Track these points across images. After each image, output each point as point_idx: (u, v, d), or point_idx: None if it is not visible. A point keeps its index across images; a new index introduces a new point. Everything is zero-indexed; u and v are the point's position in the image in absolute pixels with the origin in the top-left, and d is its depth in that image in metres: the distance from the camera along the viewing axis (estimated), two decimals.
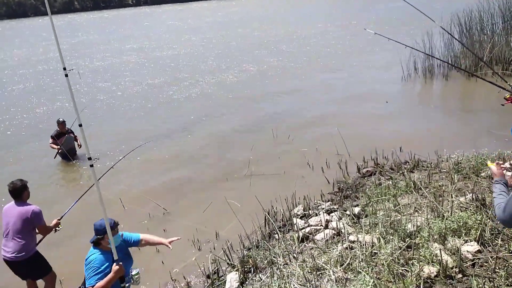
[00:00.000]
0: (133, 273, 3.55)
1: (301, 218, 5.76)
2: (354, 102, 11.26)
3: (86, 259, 3.43)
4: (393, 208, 5.08)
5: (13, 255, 4.25)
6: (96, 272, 3.33)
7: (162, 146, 9.52)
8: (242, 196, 6.72)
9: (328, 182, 6.89)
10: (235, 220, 5.90)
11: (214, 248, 5.61)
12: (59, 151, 8.69)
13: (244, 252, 5.06)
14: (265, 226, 5.76)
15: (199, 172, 8.05)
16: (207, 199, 6.81)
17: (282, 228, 5.63)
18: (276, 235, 5.43)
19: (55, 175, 8.61)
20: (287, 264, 4.61)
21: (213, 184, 7.52)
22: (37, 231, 4.45)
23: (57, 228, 4.63)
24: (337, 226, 5.05)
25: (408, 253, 4.12)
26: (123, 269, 3.42)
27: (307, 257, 4.56)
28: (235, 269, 4.89)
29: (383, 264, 4.02)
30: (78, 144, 9.00)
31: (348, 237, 4.69)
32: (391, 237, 4.39)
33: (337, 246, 4.63)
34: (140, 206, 6.85)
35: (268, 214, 5.92)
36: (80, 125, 3.48)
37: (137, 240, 3.93)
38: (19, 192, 4.36)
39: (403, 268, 3.92)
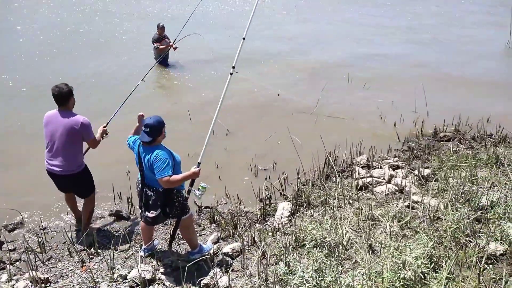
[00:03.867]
0: (202, 184, 3.63)
1: (362, 167, 5.58)
2: (446, 62, 10.21)
3: (150, 156, 3.49)
4: (468, 178, 4.70)
5: (62, 169, 3.89)
6: (166, 163, 3.42)
7: (252, 65, 9.49)
8: (305, 133, 6.59)
9: (399, 139, 6.51)
10: (295, 154, 5.84)
11: (269, 177, 5.68)
12: (161, 53, 8.83)
13: (300, 186, 5.06)
14: (324, 167, 5.66)
15: (269, 100, 7.94)
16: (270, 128, 6.78)
17: (341, 173, 5.51)
18: (334, 178, 5.34)
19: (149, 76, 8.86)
20: (341, 207, 4.55)
21: (280, 115, 7.43)
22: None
23: (104, 136, 4.23)
24: (401, 183, 4.82)
25: (476, 226, 3.85)
26: (199, 174, 3.54)
27: (363, 206, 4.46)
28: (288, 200, 4.96)
29: (445, 230, 3.82)
30: (174, 48, 8.95)
31: (411, 196, 4.47)
32: (461, 206, 4.11)
33: (397, 202, 4.46)
34: (206, 122, 6.99)
35: (329, 156, 5.79)
36: (244, 38, 3.71)
37: None
38: (65, 97, 3.82)
39: (467, 239, 3.69)
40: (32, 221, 4.57)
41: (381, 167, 5.34)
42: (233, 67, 3.68)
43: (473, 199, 4.19)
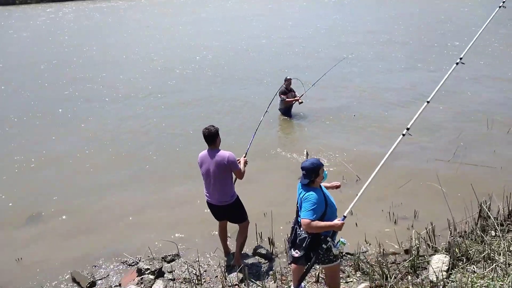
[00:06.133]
0: (342, 240, 3.53)
1: None
2: None
3: (303, 195, 3.55)
4: None
5: (219, 201, 4.37)
6: (313, 207, 3.43)
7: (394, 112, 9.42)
8: (446, 181, 6.09)
9: None
10: (436, 203, 5.42)
11: (412, 226, 5.31)
12: (287, 104, 9.31)
13: (457, 239, 4.60)
14: (478, 218, 5.10)
15: (401, 144, 7.61)
16: (406, 175, 6.44)
17: (499, 226, 4.87)
18: (493, 231, 4.75)
19: (274, 126, 9.27)
20: (510, 265, 3.97)
21: (415, 162, 7.05)
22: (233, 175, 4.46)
23: (245, 165, 4.60)
24: None
25: None
26: (341, 228, 3.46)
27: None
28: (440, 252, 4.52)
29: None
30: (299, 102, 9.33)
31: None
32: None
33: None
34: (336, 167, 6.98)
35: (483, 205, 5.20)
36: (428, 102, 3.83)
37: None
38: (213, 137, 4.28)
39: None
40: (187, 254, 4.96)
41: None
42: (408, 129, 3.66)
43: None
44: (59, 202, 6.32)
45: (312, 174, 3.57)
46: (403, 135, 3.84)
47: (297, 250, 3.66)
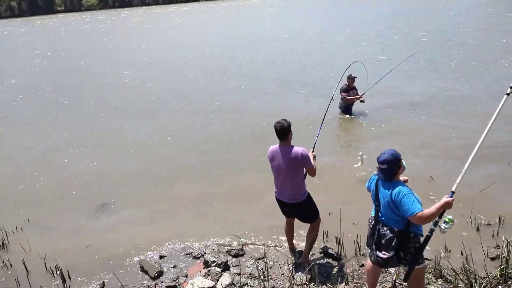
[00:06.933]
0: (449, 217, 3.25)
1: None
2: None
3: (392, 192, 3.28)
4: None
5: (290, 198, 4.16)
6: (413, 198, 3.20)
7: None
8: None
9: None
10: None
11: (497, 234, 4.79)
12: (347, 102, 9.02)
13: None
14: None
15: (485, 149, 6.94)
16: (488, 178, 5.87)
17: None
18: None
19: (334, 124, 9.04)
20: None
21: (497, 164, 6.44)
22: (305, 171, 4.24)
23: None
24: None
25: None
26: (452, 205, 3.19)
27: None
28: None
29: None
30: (360, 100, 8.99)
31: None
32: None
33: None
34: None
35: None
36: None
37: None
38: (285, 132, 4.01)
39: None
40: (252, 249, 4.83)
41: None
42: (511, 87, 3.33)
43: None
44: (128, 192, 6.53)
45: (395, 166, 3.32)
46: (508, 94, 3.44)
47: (383, 252, 3.37)
